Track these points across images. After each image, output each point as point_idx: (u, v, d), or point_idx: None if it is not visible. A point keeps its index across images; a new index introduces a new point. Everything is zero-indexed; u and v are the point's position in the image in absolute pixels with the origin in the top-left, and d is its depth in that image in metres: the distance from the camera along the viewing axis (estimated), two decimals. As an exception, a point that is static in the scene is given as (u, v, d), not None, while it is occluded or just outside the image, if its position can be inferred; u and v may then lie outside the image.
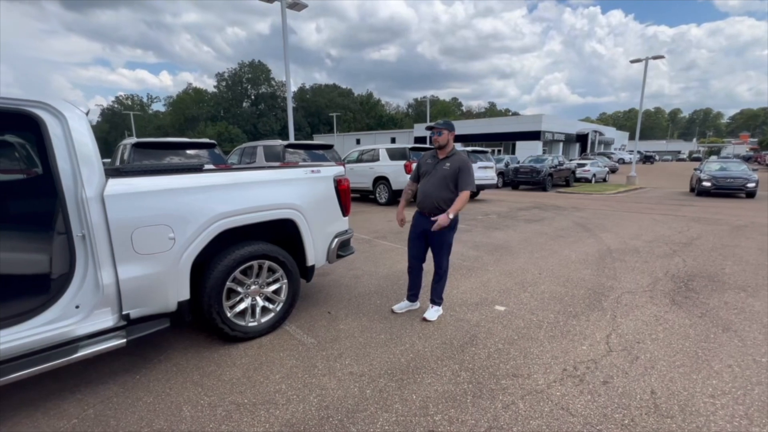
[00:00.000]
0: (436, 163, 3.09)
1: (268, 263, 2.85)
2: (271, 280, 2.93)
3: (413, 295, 3.38)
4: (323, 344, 2.81)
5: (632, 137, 32.85)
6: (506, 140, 35.51)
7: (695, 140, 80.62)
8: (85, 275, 2.09)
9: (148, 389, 2.28)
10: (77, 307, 2.07)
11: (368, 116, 75.48)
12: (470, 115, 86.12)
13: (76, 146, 2.03)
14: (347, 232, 3.45)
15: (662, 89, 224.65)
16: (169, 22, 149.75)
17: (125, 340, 2.16)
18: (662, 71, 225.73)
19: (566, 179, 16.93)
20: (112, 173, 2.22)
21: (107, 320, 2.16)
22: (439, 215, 2.95)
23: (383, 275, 4.38)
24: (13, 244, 2.55)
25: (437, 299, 3.24)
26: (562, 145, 37.36)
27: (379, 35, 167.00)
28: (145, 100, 78.83)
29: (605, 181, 20.44)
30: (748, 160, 29.08)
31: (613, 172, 25.50)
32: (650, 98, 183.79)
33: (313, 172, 3.11)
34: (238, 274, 2.70)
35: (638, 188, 16.28)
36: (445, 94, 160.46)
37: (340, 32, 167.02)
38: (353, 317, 3.27)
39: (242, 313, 2.82)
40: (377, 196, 10.74)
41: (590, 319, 3.19)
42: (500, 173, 16.23)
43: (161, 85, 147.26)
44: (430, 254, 3.24)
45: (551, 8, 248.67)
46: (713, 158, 17.12)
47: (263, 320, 2.91)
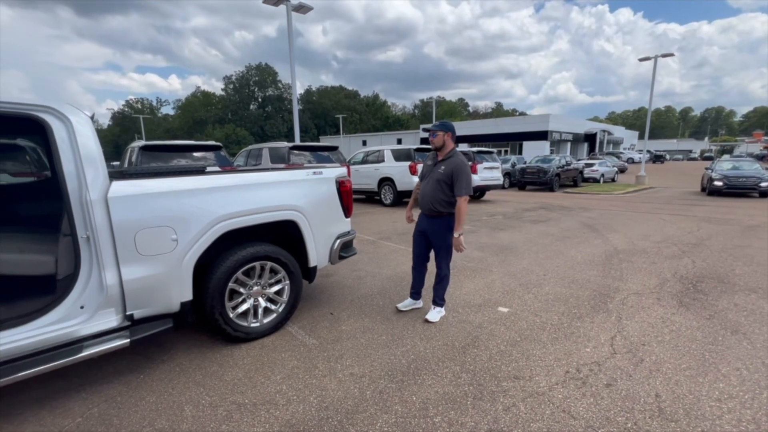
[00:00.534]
0: (433, 164, 3.12)
1: (270, 264, 2.86)
2: (273, 281, 2.95)
3: (416, 293, 3.39)
4: (325, 345, 2.81)
5: (642, 136, 32.32)
6: (513, 140, 35.27)
7: (707, 139, 79.10)
8: (89, 276, 2.12)
9: (151, 389, 2.31)
10: (82, 307, 2.11)
11: (374, 117, 75.59)
12: (477, 115, 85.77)
13: (80, 149, 2.07)
14: (349, 233, 3.46)
15: (673, 87, 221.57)
16: (178, 26, 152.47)
17: (129, 340, 2.20)
18: (673, 69, 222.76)
19: (574, 179, 16.77)
20: (115, 176, 2.26)
21: (111, 320, 2.19)
22: (436, 218, 3.05)
23: (386, 276, 4.38)
24: (21, 245, 2.61)
25: (439, 300, 3.23)
26: (569, 145, 36.99)
27: (385, 37, 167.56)
28: (154, 103, 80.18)
29: (614, 181, 20.16)
30: (761, 159, 28.39)
31: (622, 171, 25.15)
32: (660, 97, 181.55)
33: (315, 173, 3.13)
34: (240, 275, 2.72)
35: (648, 188, 16.02)
36: (451, 94, 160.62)
37: (346, 34, 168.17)
38: (355, 318, 3.27)
39: (245, 313, 2.84)
40: (382, 197, 10.74)
41: (595, 320, 3.15)
42: (507, 174, 16.14)
43: (170, 88, 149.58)
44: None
45: (558, 7, 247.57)
46: (725, 157, 16.79)
47: (265, 321, 2.93)
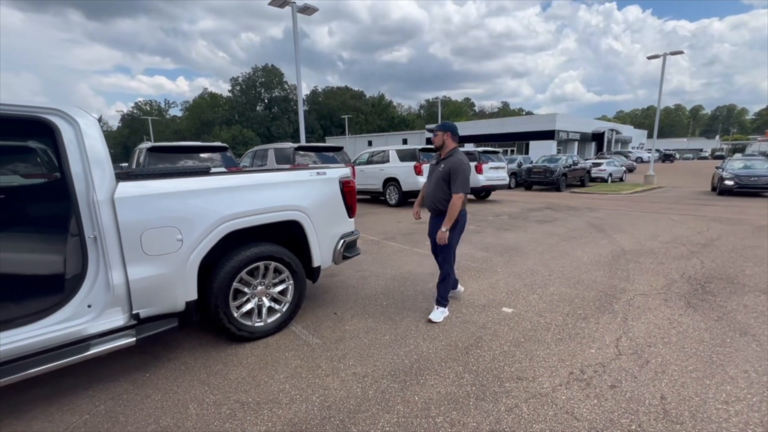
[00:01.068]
0: (435, 164, 3.20)
1: (274, 264, 2.89)
2: (277, 280, 2.97)
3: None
4: (328, 345, 2.83)
5: (651, 135, 31.85)
6: (519, 140, 35.05)
7: (718, 137, 77.78)
8: (96, 276, 2.16)
9: (156, 387, 2.34)
10: (89, 306, 2.15)
11: (380, 118, 75.64)
12: (483, 115, 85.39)
13: (88, 151, 2.11)
14: (353, 233, 3.47)
15: (683, 86, 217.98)
16: (185, 28, 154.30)
17: (135, 338, 2.23)
18: (683, 67, 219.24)
19: (581, 179, 16.60)
20: (122, 177, 2.30)
21: (118, 319, 2.23)
22: (438, 216, 3.15)
23: (390, 276, 4.39)
24: (32, 245, 2.67)
25: (442, 300, 3.23)
26: (577, 144, 36.63)
27: (391, 37, 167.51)
28: (162, 105, 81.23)
29: (622, 180, 19.91)
30: (774, 157, 27.79)
31: (630, 171, 24.81)
32: (670, 95, 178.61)
33: (318, 174, 3.14)
34: (244, 275, 2.75)
35: (656, 188, 15.81)
36: (457, 94, 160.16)
37: (352, 35, 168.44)
38: (359, 318, 3.28)
39: (249, 313, 2.86)
40: (387, 197, 10.75)
41: (600, 321, 3.12)
42: (513, 173, 16.03)
43: (178, 90, 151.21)
44: None
45: (565, 6, 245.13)
46: (737, 156, 16.47)
47: (269, 320, 2.95)
